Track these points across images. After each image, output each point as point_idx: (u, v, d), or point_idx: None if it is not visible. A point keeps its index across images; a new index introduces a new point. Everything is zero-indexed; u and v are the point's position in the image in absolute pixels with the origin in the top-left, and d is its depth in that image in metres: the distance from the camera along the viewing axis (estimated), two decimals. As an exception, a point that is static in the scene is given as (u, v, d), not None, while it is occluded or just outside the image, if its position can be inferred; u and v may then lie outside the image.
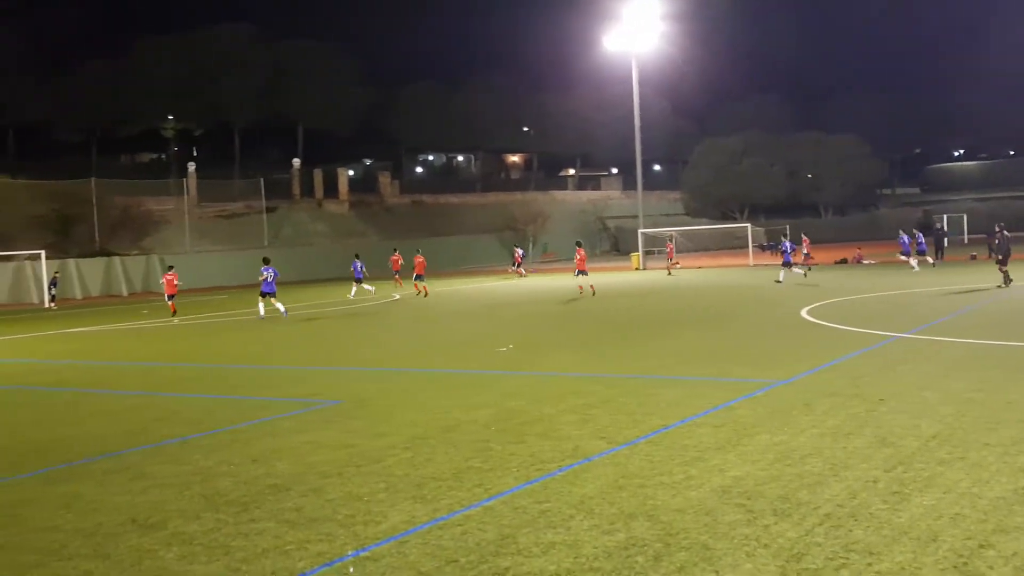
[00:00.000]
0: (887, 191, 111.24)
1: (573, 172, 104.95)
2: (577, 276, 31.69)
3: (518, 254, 50.19)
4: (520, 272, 49.10)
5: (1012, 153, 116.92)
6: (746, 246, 55.66)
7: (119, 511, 7.29)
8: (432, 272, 41.33)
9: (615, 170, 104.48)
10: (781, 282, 31.05)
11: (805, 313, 20.55)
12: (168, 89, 73.75)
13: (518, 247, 52.12)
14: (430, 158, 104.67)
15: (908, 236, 38.19)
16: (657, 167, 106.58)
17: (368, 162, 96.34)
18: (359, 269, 35.98)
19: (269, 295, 26.66)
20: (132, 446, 9.74)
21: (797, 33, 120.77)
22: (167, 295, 29.88)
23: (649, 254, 55.09)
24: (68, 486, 8.16)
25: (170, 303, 29.75)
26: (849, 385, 11.04)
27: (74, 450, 9.71)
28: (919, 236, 39.40)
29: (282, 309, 26.77)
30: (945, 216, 68.99)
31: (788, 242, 34.40)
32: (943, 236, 48.88)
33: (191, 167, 68.39)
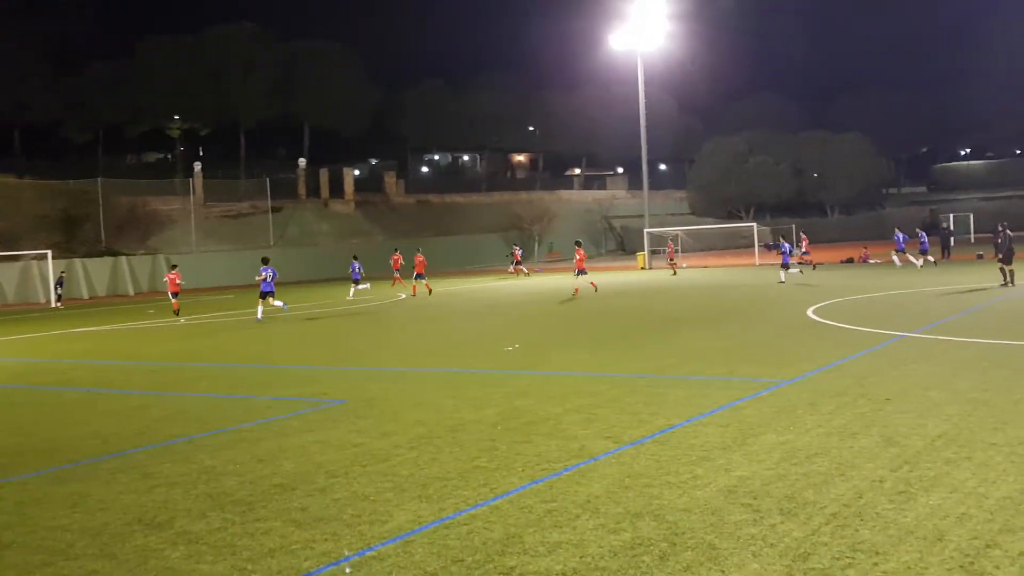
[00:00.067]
0: (893, 190, 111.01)
1: (579, 171, 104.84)
2: (577, 276, 31.67)
3: (517, 253, 50.21)
4: (522, 270, 49.10)
5: (1019, 152, 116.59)
6: (752, 245, 55.60)
7: (125, 510, 7.31)
8: (439, 272, 41.36)
9: (621, 169, 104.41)
10: (784, 282, 31.16)
11: (811, 312, 20.52)
12: (174, 89, 73.85)
13: (516, 245, 52.19)
14: (436, 158, 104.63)
15: (904, 235, 38.35)
16: (663, 166, 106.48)
17: (374, 162, 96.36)
18: (356, 270, 36.12)
19: (268, 295, 26.71)
20: (138, 445, 9.77)
21: (803, 31, 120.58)
22: (170, 293, 30.22)
23: (655, 253, 55.05)
24: (75, 485, 8.19)
25: (173, 301, 29.94)
26: (855, 385, 11.02)
27: (81, 449, 9.74)
28: (922, 235, 39.38)
29: (280, 304, 26.77)
30: (952, 215, 68.76)
31: (785, 243, 34.54)
32: (950, 235, 48.74)
33: (197, 167, 68.52)
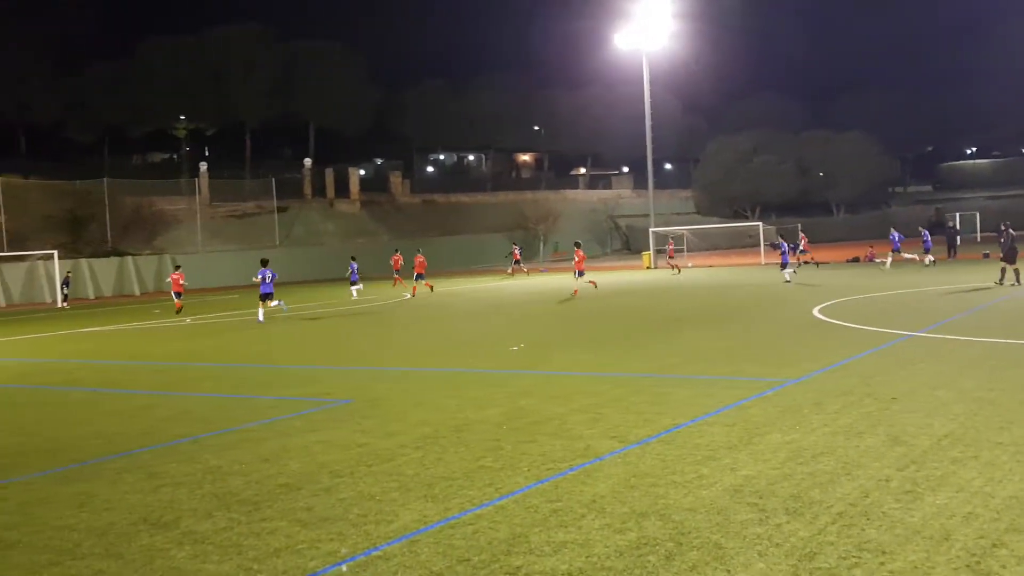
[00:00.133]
0: (899, 189, 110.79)
1: (584, 171, 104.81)
2: (577, 277, 31.60)
3: (516, 253, 50.15)
4: (523, 269, 49.08)
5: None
6: (757, 244, 55.51)
7: (131, 510, 7.32)
8: (443, 271, 41.41)
9: (626, 169, 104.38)
10: (789, 281, 31.13)
11: (816, 312, 20.48)
12: (179, 89, 74.02)
13: (516, 245, 52.18)
14: (441, 157, 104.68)
15: (900, 235, 38.52)
16: (668, 166, 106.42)
17: (379, 162, 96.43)
18: (354, 271, 36.33)
19: (267, 297, 26.66)
20: (144, 445, 9.78)
21: (808, 30, 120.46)
22: (173, 293, 30.42)
23: (660, 253, 55.01)
24: (81, 485, 8.20)
25: (176, 301, 30.09)
26: (861, 384, 10.99)
27: (87, 449, 9.76)
28: (924, 234, 39.47)
29: (278, 303, 26.75)
30: (958, 214, 68.62)
31: (784, 243, 34.60)
32: (956, 234, 48.64)
33: (203, 167, 68.66)
